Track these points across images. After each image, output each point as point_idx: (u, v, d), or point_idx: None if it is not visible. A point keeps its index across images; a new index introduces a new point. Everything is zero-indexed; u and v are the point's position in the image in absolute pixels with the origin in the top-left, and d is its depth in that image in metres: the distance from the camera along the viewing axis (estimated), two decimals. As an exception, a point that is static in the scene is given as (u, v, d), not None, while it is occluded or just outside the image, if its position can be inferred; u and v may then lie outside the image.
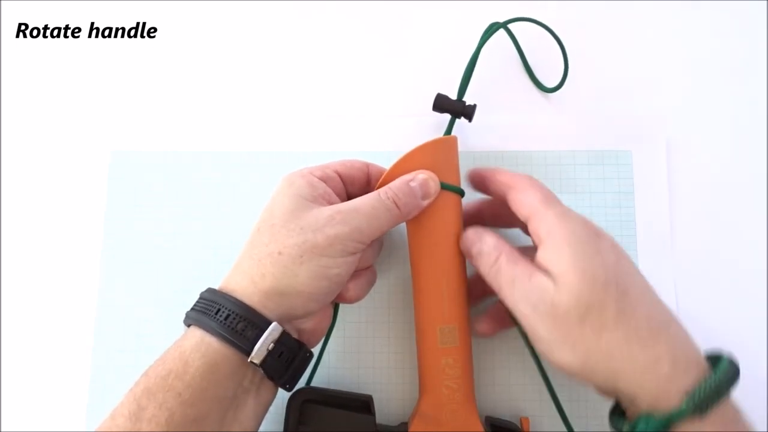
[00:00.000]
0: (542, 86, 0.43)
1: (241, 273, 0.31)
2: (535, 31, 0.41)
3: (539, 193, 0.32)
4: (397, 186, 0.34)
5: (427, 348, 0.35)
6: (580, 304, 0.28)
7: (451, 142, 0.36)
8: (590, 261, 0.29)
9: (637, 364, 0.28)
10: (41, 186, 0.42)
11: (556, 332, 0.29)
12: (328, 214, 0.31)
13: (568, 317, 0.29)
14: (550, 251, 0.30)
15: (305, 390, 0.35)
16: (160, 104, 0.44)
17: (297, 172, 0.34)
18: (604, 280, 0.29)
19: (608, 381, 0.29)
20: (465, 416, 0.35)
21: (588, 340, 0.28)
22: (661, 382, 0.28)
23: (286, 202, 0.32)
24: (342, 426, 0.34)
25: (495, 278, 0.32)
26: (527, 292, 0.30)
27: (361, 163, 0.36)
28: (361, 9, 0.45)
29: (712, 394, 0.27)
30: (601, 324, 0.28)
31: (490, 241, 0.33)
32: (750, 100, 0.43)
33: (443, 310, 0.35)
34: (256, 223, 0.33)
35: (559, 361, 0.30)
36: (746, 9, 0.44)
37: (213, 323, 0.30)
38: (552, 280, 0.30)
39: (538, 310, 0.29)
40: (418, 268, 0.35)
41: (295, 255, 0.30)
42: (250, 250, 0.32)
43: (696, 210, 0.41)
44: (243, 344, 0.29)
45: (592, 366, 0.29)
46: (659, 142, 0.42)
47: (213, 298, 0.31)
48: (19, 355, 0.40)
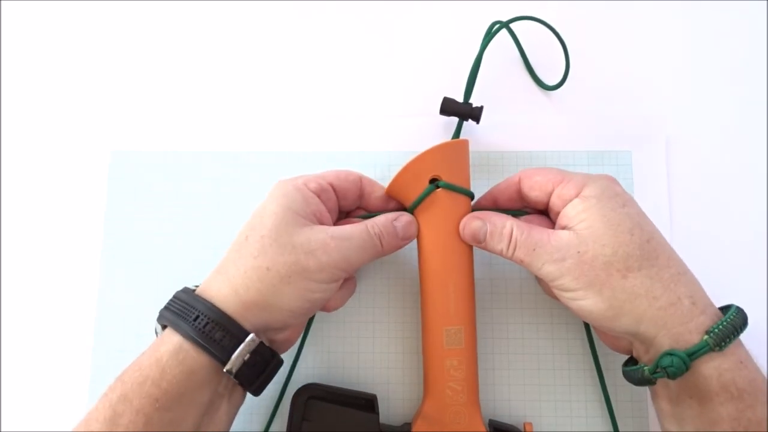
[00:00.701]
0: (543, 84, 0.43)
1: (223, 280, 0.31)
2: (536, 31, 0.41)
3: (553, 169, 0.35)
4: (382, 223, 0.34)
5: (432, 349, 0.35)
6: (606, 248, 0.30)
7: (463, 145, 0.37)
8: (616, 211, 0.31)
9: (660, 302, 0.30)
10: (41, 186, 0.42)
11: (583, 279, 0.31)
12: (322, 239, 0.32)
13: (595, 263, 0.30)
14: (576, 207, 0.32)
15: (310, 386, 0.36)
16: (160, 104, 0.44)
17: (292, 182, 0.34)
18: (630, 227, 0.31)
19: (631, 324, 0.30)
20: (468, 418, 0.35)
21: (614, 282, 0.30)
22: (682, 320, 0.30)
23: (279, 213, 0.32)
24: (345, 423, 0.34)
25: (515, 253, 0.33)
26: (551, 251, 0.32)
27: (355, 176, 0.36)
28: (361, 9, 0.45)
29: (729, 331, 0.29)
30: (627, 266, 0.30)
31: (497, 220, 0.34)
32: (750, 100, 0.43)
33: (450, 312, 0.35)
34: (243, 229, 0.33)
35: (587, 307, 0.31)
36: (746, 9, 0.44)
37: (191, 330, 0.30)
38: (574, 233, 0.32)
39: (565, 263, 0.31)
40: (425, 269, 0.36)
41: (283, 274, 0.31)
42: (236, 258, 0.32)
43: (696, 210, 0.41)
44: (220, 354, 0.30)
45: (618, 307, 0.30)
46: (659, 142, 0.42)
47: (191, 302, 0.31)
48: (19, 355, 0.40)
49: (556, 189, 0.34)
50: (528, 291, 0.40)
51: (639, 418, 0.38)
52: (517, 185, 0.36)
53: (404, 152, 0.42)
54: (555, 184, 0.34)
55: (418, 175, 0.35)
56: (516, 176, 0.36)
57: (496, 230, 0.34)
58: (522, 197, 0.36)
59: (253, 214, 0.33)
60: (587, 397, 0.38)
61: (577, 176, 0.33)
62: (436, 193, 0.35)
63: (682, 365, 0.29)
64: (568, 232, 0.32)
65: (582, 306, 0.31)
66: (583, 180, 0.33)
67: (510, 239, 0.33)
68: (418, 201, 0.35)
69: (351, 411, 0.35)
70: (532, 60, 0.43)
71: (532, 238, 0.32)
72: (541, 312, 0.39)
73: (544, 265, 0.32)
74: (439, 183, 0.35)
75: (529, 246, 0.32)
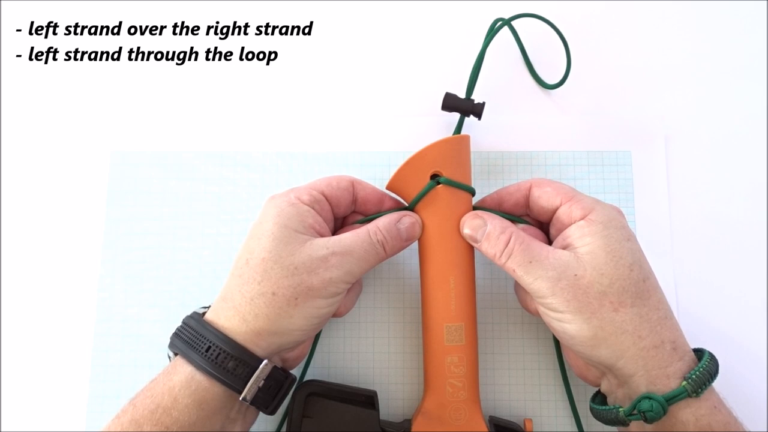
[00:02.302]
0: (544, 83, 0.43)
1: (231, 309, 0.31)
2: (538, 30, 0.41)
3: (567, 186, 0.34)
4: (385, 228, 0.34)
5: (433, 345, 0.35)
6: (604, 278, 0.30)
7: (464, 140, 0.36)
8: (621, 243, 0.31)
9: (644, 342, 0.30)
10: (42, 186, 0.42)
11: (575, 303, 0.31)
12: (323, 255, 0.31)
13: (590, 290, 0.30)
14: (581, 229, 0.32)
15: (310, 383, 0.36)
16: (160, 104, 0.44)
17: (284, 197, 0.33)
18: (631, 262, 0.31)
19: (610, 357, 0.31)
20: (469, 415, 0.35)
21: (604, 313, 0.30)
22: (662, 363, 0.30)
23: (276, 233, 0.32)
24: (346, 420, 0.35)
25: (508, 261, 0.33)
26: (547, 268, 0.31)
27: (347, 182, 0.35)
28: (361, 9, 0.45)
29: (706, 378, 0.29)
30: (620, 301, 0.30)
31: (497, 224, 0.34)
32: (750, 100, 0.43)
33: (450, 308, 0.35)
34: (242, 252, 0.32)
35: (570, 331, 0.31)
36: (746, 9, 0.44)
37: (203, 362, 0.30)
38: (574, 254, 0.31)
39: (559, 283, 0.31)
40: (426, 266, 0.36)
41: (289, 296, 0.31)
42: (240, 285, 0.31)
43: (696, 210, 0.41)
44: (234, 383, 0.30)
45: (602, 338, 0.30)
46: (659, 142, 0.42)
47: (202, 332, 0.31)
48: (19, 355, 0.40)
49: (564, 205, 0.33)
50: (528, 291, 0.40)
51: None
52: (526, 191, 0.35)
53: (404, 152, 0.41)
54: (564, 200, 0.33)
55: (418, 171, 0.35)
56: (527, 182, 0.36)
57: (494, 233, 0.33)
58: (527, 204, 0.36)
59: (249, 234, 0.33)
60: (587, 397, 0.38)
61: (586, 198, 0.33)
62: (436, 189, 0.35)
63: (660, 410, 0.29)
64: (568, 253, 0.32)
65: (565, 329, 0.31)
66: (591, 204, 0.33)
67: (506, 246, 0.33)
68: (419, 197, 0.35)
69: (351, 408, 0.35)
70: (533, 58, 0.43)
71: (531, 251, 0.32)
72: (541, 312, 0.40)
73: (537, 280, 0.31)
74: (440, 179, 0.35)
75: (525, 258, 0.32)
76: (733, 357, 0.38)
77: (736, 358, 0.39)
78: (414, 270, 0.40)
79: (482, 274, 0.40)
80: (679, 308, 0.40)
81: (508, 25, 0.41)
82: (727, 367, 0.38)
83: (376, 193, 0.36)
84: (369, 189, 0.36)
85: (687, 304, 0.40)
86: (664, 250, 0.40)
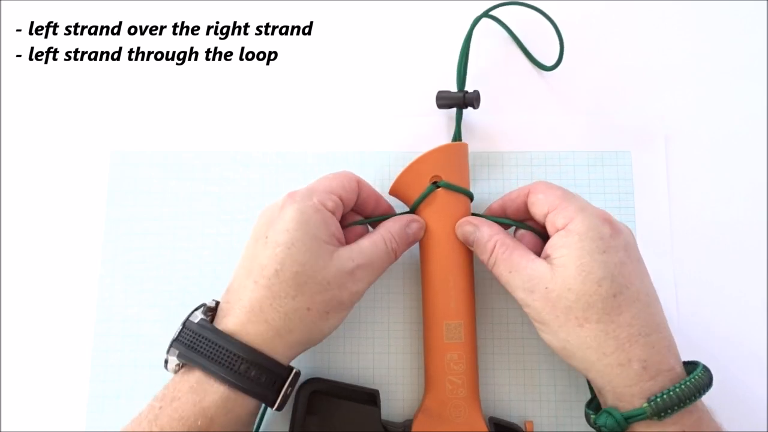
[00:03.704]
0: (541, 65, 0.43)
1: (263, 323, 0.31)
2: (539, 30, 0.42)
3: (558, 190, 0.34)
4: (398, 234, 0.35)
5: (432, 343, 0.36)
6: (570, 293, 0.30)
7: (462, 148, 0.38)
8: (592, 256, 0.31)
9: (608, 359, 0.30)
10: (42, 186, 0.42)
11: (545, 314, 0.31)
12: (350, 269, 0.32)
13: (558, 304, 0.31)
14: (560, 239, 0.32)
15: (314, 381, 0.36)
16: (160, 104, 0.44)
17: (308, 202, 0.32)
18: (600, 277, 0.30)
19: (582, 369, 0.32)
20: (468, 412, 0.35)
21: (570, 328, 0.31)
22: (627, 382, 0.30)
23: (308, 243, 0.31)
24: (348, 417, 0.35)
25: (493, 268, 0.34)
26: (524, 279, 0.32)
27: (353, 183, 0.35)
28: (360, 9, 0.45)
29: (673, 402, 0.29)
30: (585, 317, 0.30)
31: (485, 231, 0.35)
32: (750, 100, 0.43)
33: (450, 306, 0.36)
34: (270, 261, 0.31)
35: (546, 340, 0.33)
36: (746, 9, 0.44)
37: (239, 380, 0.30)
38: (550, 266, 0.32)
39: (532, 295, 0.32)
40: (427, 265, 0.37)
41: (322, 311, 0.32)
42: (271, 298, 0.31)
43: (696, 210, 0.41)
44: (270, 396, 0.31)
45: (571, 351, 0.31)
46: (659, 142, 0.42)
47: (232, 349, 0.30)
48: (19, 355, 0.40)
49: (551, 214, 0.33)
50: (528, 291, 0.40)
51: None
52: (525, 197, 0.35)
53: (404, 152, 0.42)
54: (551, 207, 0.33)
55: (419, 175, 0.37)
56: (526, 188, 0.36)
57: (481, 240, 0.34)
58: (527, 210, 0.36)
59: (272, 238, 0.31)
60: (587, 397, 0.38)
61: (572, 206, 0.32)
62: (436, 193, 0.36)
63: (616, 426, 0.29)
64: (545, 264, 0.32)
65: (544, 338, 0.33)
66: (575, 212, 0.32)
67: (491, 253, 0.34)
68: (420, 200, 0.36)
69: (354, 405, 0.35)
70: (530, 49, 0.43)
71: (512, 260, 0.33)
72: (541, 312, 0.40)
73: (515, 290, 0.33)
74: (440, 183, 0.36)
75: (506, 267, 0.33)
76: (733, 357, 0.38)
77: (735, 359, 0.39)
78: (414, 270, 0.40)
79: (482, 274, 0.40)
80: (679, 308, 0.40)
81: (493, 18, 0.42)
82: (727, 368, 0.38)
83: (374, 193, 0.37)
84: (369, 189, 0.37)
85: (687, 304, 0.40)
86: (664, 250, 0.40)
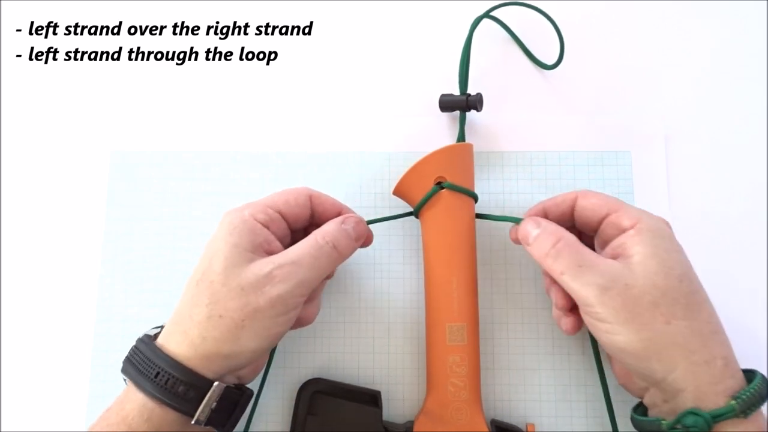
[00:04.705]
0: (541, 63, 0.43)
1: (180, 333, 0.31)
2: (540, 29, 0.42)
3: (612, 197, 0.34)
4: (333, 229, 0.33)
5: (435, 345, 0.36)
6: (656, 290, 0.30)
7: (467, 148, 0.38)
8: (669, 254, 0.31)
9: (695, 357, 0.29)
10: (42, 186, 0.42)
11: (624, 313, 0.30)
12: (268, 271, 0.31)
13: (641, 300, 0.29)
14: (631, 238, 0.31)
15: (315, 381, 0.36)
16: (160, 104, 0.44)
17: (238, 213, 0.33)
18: (680, 273, 0.30)
19: (661, 371, 0.29)
20: (470, 415, 0.35)
21: (656, 324, 0.29)
22: (713, 380, 0.29)
23: (226, 252, 0.31)
24: (349, 418, 0.35)
25: (554, 262, 0.32)
26: (597, 275, 0.30)
27: (304, 197, 0.35)
28: (360, 8, 0.45)
29: (756, 399, 0.28)
30: (672, 312, 0.29)
31: (550, 227, 0.33)
32: (749, 100, 0.43)
33: (453, 309, 0.35)
34: (194, 272, 0.32)
35: (619, 343, 0.30)
36: (746, 9, 0.44)
37: (153, 388, 0.30)
38: (624, 264, 0.31)
39: (609, 292, 0.30)
40: (430, 266, 0.36)
41: (236, 319, 0.30)
42: (190, 308, 0.31)
43: (696, 210, 0.41)
44: (185, 408, 0.30)
45: (654, 350, 0.29)
46: (658, 142, 0.42)
47: (152, 357, 0.30)
48: (19, 355, 0.40)
49: (612, 215, 0.33)
50: (528, 291, 0.40)
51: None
52: (572, 201, 0.35)
53: (404, 152, 0.42)
54: (611, 210, 0.33)
55: (423, 176, 0.36)
56: (573, 193, 0.35)
57: (544, 233, 0.33)
58: (573, 216, 0.35)
59: (203, 253, 0.33)
60: (587, 397, 0.38)
61: (633, 209, 0.33)
62: (440, 194, 0.36)
63: (705, 426, 0.28)
64: (618, 262, 0.31)
65: (614, 341, 0.30)
66: (639, 213, 0.32)
67: (554, 246, 0.32)
68: (424, 201, 0.36)
69: (355, 405, 0.35)
70: (530, 48, 0.44)
71: (581, 254, 0.31)
72: (541, 312, 0.40)
73: (586, 286, 0.30)
74: (444, 184, 0.36)
75: (575, 260, 0.31)
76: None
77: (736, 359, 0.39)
78: (414, 270, 0.40)
79: (483, 274, 0.40)
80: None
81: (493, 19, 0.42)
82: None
83: (335, 206, 0.36)
84: (327, 203, 0.36)
85: (687, 304, 0.40)
86: (664, 250, 0.40)
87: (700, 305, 0.30)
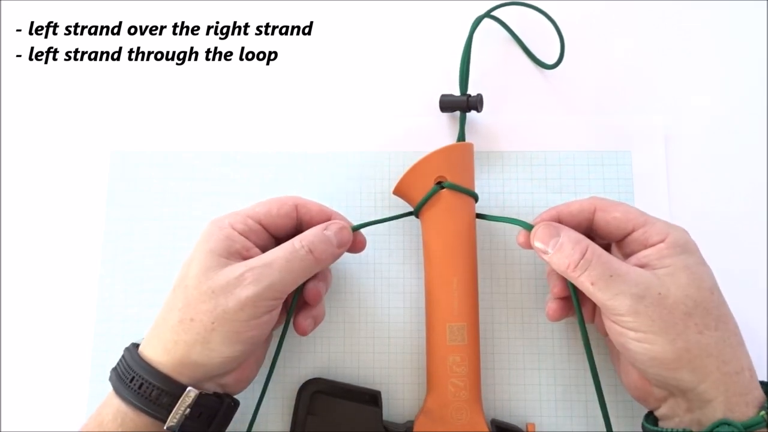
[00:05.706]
0: (542, 63, 0.43)
1: (156, 338, 0.31)
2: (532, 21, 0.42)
3: (632, 207, 0.34)
4: (312, 234, 0.33)
5: (435, 345, 0.36)
6: (689, 300, 0.30)
7: (468, 148, 0.38)
8: (698, 267, 0.31)
9: (727, 368, 0.29)
10: (42, 186, 0.42)
11: (659, 323, 0.29)
12: (239, 273, 0.30)
13: (676, 310, 0.30)
14: (659, 252, 0.31)
15: (315, 381, 0.36)
16: (160, 104, 0.44)
17: (217, 223, 0.33)
18: (710, 285, 0.31)
19: (691, 380, 0.29)
20: (470, 415, 0.35)
21: (690, 335, 0.29)
22: (742, 390, 0.29)
23: (201, 259, 0.31)
24: (349, 418, 0.35)
25: (583, 274, 0.31)
26: (630, 284, 0.30)
27: (289, 206, 0.34)
28: (360, 8, 0.45)
29: None
30: (705, 323, 0.30)
31: (573, 235, 0.32)
32: (749, 100, 0.43)
33: (453, 308, 0.35)
34: (175, 280, 0.33)
35: (650, 352, 0.30)
36: (746, 9, 0.44)
37: (126, 392, 0.30)
38: (654, 274, 0.31)
39: (643, 301, 0.30)
40: (430, 266, 0.36)
41: (206, 322, 0.30)
42: (166, 313, 0.32)
43: (696, 210, 0.41)
44: (157, 413, 0.30)
45: (687, 360, 0.29)
46: (658, 142, 0.42)
47: (131, 363, 0.31)
48: (19, 355, 0.40)
49: (638, 231, 0.33)
50: (528, 291, 0.40)
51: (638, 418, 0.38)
52: (590, 213, 0.34)
53: (404, 152, 0.42)
54: (637, 225, 0.33)
55: (424, 175, 0.36)
56: (590, 204, 0.34)
57: (569, 242, 0.32)
58: (591, 227, 0.35)
59: (183, 262, 0.33)
60: (587, 397, 0.38)
61: (658, 222, 0.33)
62: (441, 194, 0.36)
63: None
64: (648, 272, 0.31)
65: (645, 349, 0.30)
66: (666, 228, 0.32)
67: (582, 256, 0.31)
68: (424, 200, 0.36)
69: (355, 405, 0.35)
70: (528, 45, 0.44)
71: (610, 264, 0.31)
72: (541, 312, 0.39)
73: (618, 296, 0.30)
74: (445, 183, 0.36)
75: (604, 271, 0.30)
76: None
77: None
78: (414, 270, 0.40)
79: (483, 274, 0.40)
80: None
81: (494, 19, 0.42)
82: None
83: (323, 214, 0.35)
84: (315, 211, 0.35)
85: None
86: (664, 250, 0.40)
87: (728, 317, 0.31)
